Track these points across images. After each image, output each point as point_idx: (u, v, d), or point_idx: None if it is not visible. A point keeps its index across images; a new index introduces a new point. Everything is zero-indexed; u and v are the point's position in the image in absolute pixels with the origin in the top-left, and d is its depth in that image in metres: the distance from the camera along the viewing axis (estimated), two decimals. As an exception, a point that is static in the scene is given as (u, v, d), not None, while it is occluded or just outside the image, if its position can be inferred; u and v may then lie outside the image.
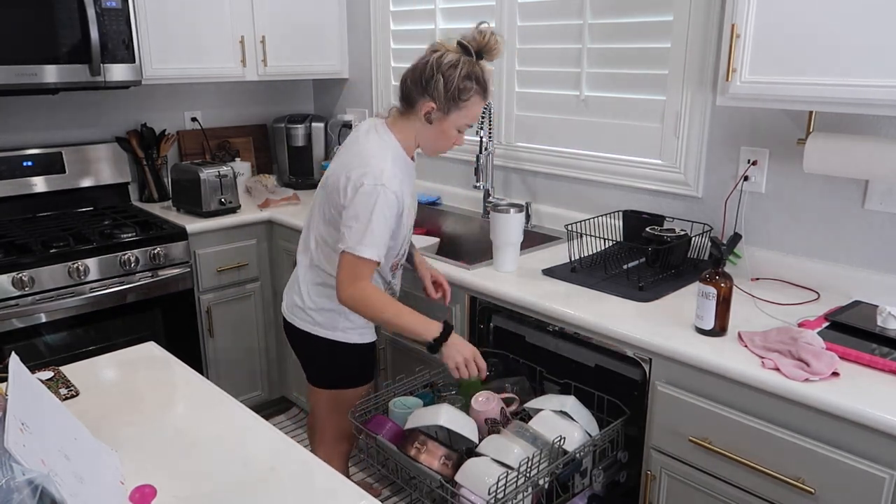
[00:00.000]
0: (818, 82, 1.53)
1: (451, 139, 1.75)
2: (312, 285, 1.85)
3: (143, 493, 1.07)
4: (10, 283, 2.23)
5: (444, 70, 1.65)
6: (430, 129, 1.73)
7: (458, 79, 1.65)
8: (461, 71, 1.66)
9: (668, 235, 1.97)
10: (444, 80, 1.65)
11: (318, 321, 1.86)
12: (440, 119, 1.71)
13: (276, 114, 3.50)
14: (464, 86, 1.66)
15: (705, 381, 1.50)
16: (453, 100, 1.67)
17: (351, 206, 1.66)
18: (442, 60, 1.66)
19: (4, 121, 2.71)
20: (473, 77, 1.68)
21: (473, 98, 1.69)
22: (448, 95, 1.66)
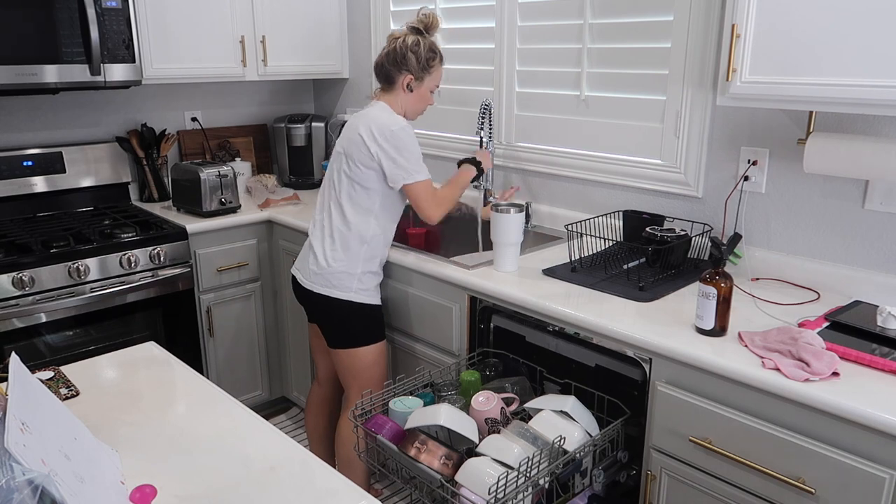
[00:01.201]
0: (818, 82, 1.53)
1: (427, 100, 2.18)
2: (329, 250, 2.09)
3: (143, 493, 1.07)
4: (11, 283, 2.23)
5: (413, 48, 2.08)
6: (410, 96, 2.13)
7: (424, 52, 2.08)
8: (424, 46, 2.09)
9: (668, 235, 1.97)
10: (415, 55, 2.07)
11: (335, 283, 2.09)
12: (418, 86, 2.12)
13: (277, 114, 3.50)
14: (429, 55, 2.10)
15: (705, 381, 1.50)
16: (424, 69, 2.10)
17: (389, 148, 2.01)
18: (407, 42, 2.08)
19: (4, 121, 2.72)
20: (433, 49, 2.11)
21: (436, 64, 2.13)
22: (420, 66, 2.09)
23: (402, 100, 2.13)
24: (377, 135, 2.01)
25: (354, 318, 2.13)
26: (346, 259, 2.09)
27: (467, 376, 1.87)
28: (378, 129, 2.01)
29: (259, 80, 3.10)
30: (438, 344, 2.16)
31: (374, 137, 2.01)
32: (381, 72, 2.13)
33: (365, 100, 3.27)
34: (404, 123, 2.03)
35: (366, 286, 2.12)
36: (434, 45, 2.12)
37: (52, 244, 2.38)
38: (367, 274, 2.12)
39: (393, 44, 2.10)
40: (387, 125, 2.01)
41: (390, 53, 2.10)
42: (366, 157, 2.02)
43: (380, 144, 2.01)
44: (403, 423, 1.69)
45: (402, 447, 1.60)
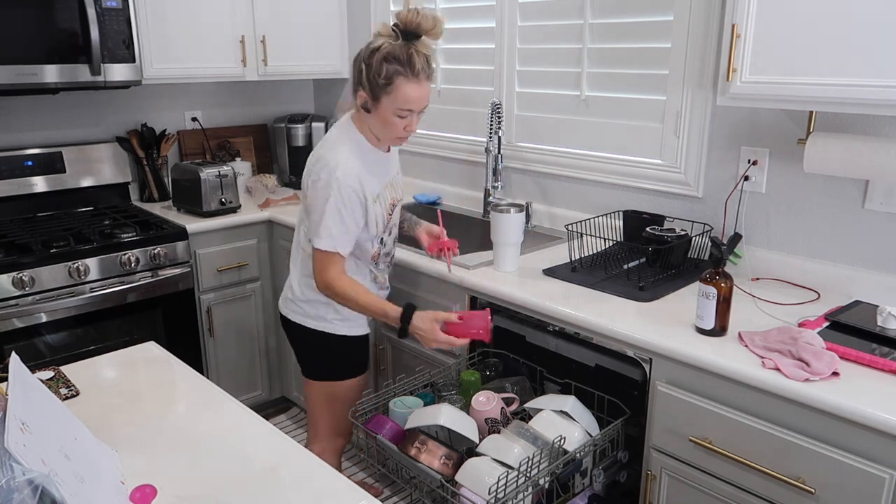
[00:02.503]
0: (818, 82, 1.53)
1: (397, 126, 1.72)
2: (301, 277, 1.89)
3: (143, 493, 1.07)
4: (11, 283, 2.23)
5: (367, 57, 1.66)
6: (371, 118, 1.73)
7: (376, 63, 1.63)
8: (380, 54, 1.63)
9: (668, 235, 1.97)
10: (366, 66, 1.66)
11: (308, 313, 1.90)
12: (374, 106, 1.70)
13: (277, 113, 3.50)
14: (384, 69, 1.63)
15: (706, 381, 1.50)
16: (378, 86, 1.65)
17: (309, 199, 1.73)
18: (368, 48, 1.67)
19: (4, 121, 2.72)
20: (393, 58, 1.63)
21: (397, 80, 1.64)
22: (372, 82, 1.65)
23: (367, 121, 1.76)
24: (306, 172, 1.75)
25: (331, 351, 1.92)
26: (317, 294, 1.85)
27: (467, 376, 1.87)
28: (310, 166, 1.74)
29: (259, 80, 3.10)
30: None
31: (307, 172, 1.76)
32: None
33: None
34: (340, 174, 1.67)
35: (343, 316, 1.89)
36: (398, 54, 1.63)
37: (52, 244, 2.38)
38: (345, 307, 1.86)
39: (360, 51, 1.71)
40: (319, 170, 1.70)
41: (354, 61, 1.72)
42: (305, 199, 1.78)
43: (305, 184, 1.76)
44: (403, 423, 1.69)
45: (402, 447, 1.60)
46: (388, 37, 1.66)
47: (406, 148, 3.10)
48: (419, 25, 1.64)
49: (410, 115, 1.71)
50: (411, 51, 1.64)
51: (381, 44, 1.65)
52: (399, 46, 1.64)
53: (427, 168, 3.02)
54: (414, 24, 1.64)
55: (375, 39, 1.67)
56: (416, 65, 1.65)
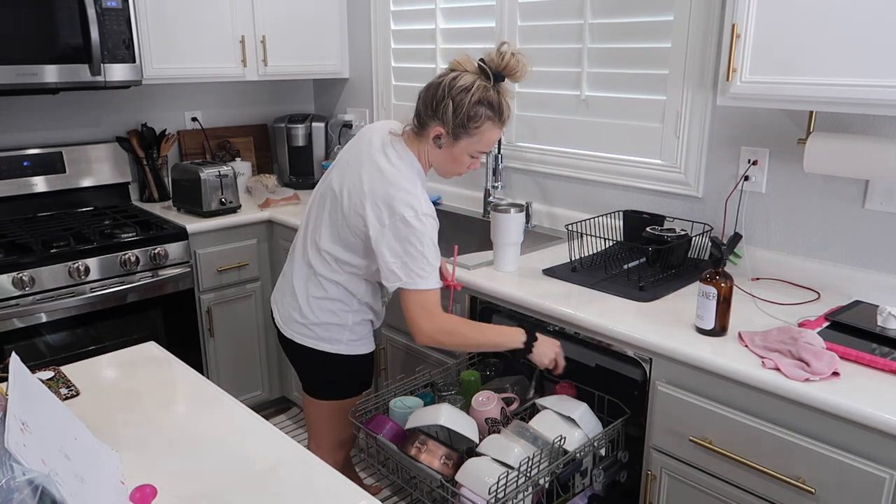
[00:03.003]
0: (818, 82, 1.53)
1: (464, 164, 1.68)
2: (314, 299, 1.77)
3: (143, 493, 1.07)
4: (11, 283, 2.23)
5: (455, 94, 1.57)
6: (440, 152, 1.66)
7: (468, 104, 1.57)
8: (473, 96, 1.56)
9: (668, 235, 1.97)
10: (454, 104, 1.57)
11: (322, 336, 1.79)
12: (450, 145, 1.63)
13: (277, 114, 3.50)
14: (474, 112, 1.57)
15: (706, 381, 1.50)
16: (462, 126, 1.59)
17: (395, 241, 1.59)
18: (455, 83, 1.58)
19: (4, 121, 2.71)
20: (486, 102, 1.58)
21: (485, 125, 1.60)
22: (457, 121, 1.58)
23: (430, 152, 1.68)
24: (384, 211, 1.59)
25: (340, 370, 1.85)
26: (334, 310, 1.77)
27: (467, 376, 1.87)
28: (387, 204, 1.59)
29: (259, 80, 3.10)
30: (438, 344, 2.16)
31: (378, 211, 1.60)
32: (416, 107, 1.67)
33: (368, 102, 3.27)
34: (427, 209, 1.59)
35: (358, 336, 1.82)
36: (492, 98, 1.58)
37: (53, 244, 2.38)
38: (361, 323, 1.81)
39: (441, 79, 1.61)
40: (399, 204, 1.57)
41: (430, 89, 1.63)
42: (360, 226, 1.64)
43: (383, 223, 1.59)
44: (403, 423, 1.69)
45: (402, 447, 1.60)
46: (474, 74, 1.59)
47: (406, 148, 3.10)
48: (515, 73, 1.60)
49: (480, 156, 1.68)
50: (500, 96, 1.61)
51: (471, 83, 1.57)
52: (492, 90, 1.59)
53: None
54: (513, 71, 1.59)
55: (461, 76, 1.58)
56: (505, 111, 1.62)
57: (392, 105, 3.13)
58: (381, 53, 3.11)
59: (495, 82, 1.60)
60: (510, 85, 1.64)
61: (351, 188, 1.66)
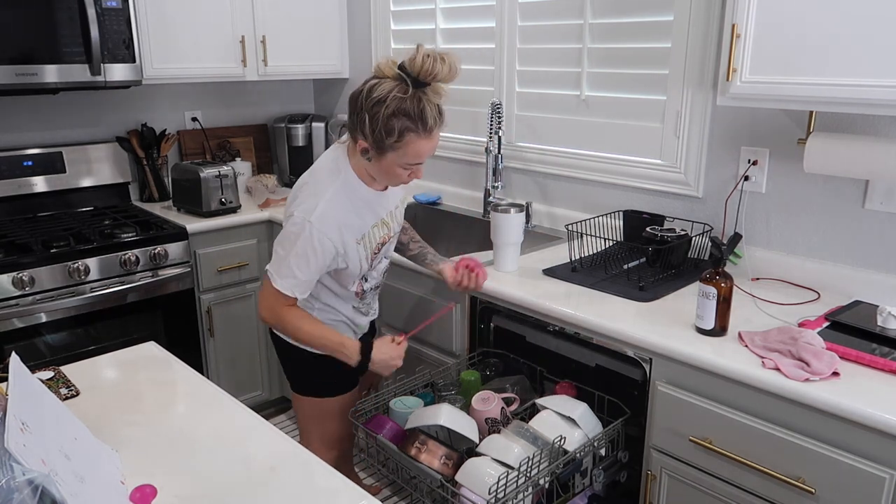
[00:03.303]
0: (818, 82, 1.53)
1: (401, 176, 1.58)
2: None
3: (143, 493, 1.07)
4: (11, 283, 2.23)
5: (370, 106, 1.46)
6: (372, 165, 1.57)
7: (382, 118, 1.45)
8: (388, 108, 1.44)
9: (668, 235, 1.97)
10: (370, 117, 1.47)
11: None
12: (377, 158, 1.53)
13: (277, 114, 3.50)
14: (390, 126, 1.45)
15: (706, 381, 1.50)
16: (382, 140, 1.48)
17: (281, 233, 1.62)
18: (371, 94, 1.46)
19: (4, 121, 2.71)
20: (403, 113, 1.45)
21: (407, 137, 1.47)
22: (376, 136, 1.48)
23: (364, 164, 1.60)
24: (290, 197, 1.65)
25: (318, 368, 1.82)
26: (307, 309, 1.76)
27: (467, 376, 1.87)
28: (294, 192, 1.63)
29: (259, 80, 3.10)
30: (439, 344, 2.16)
31: (290, 198, 1.65)
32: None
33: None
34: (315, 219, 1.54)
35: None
36: (408, 109, 1.45)
37: (52, 244, 2.38)
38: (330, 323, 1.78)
39: (361, 87, 1.50)
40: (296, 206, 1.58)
41: (350, 99, 1.53)
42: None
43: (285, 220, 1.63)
44: (404, 423, 1.69)
45: (402, 447, 1.60)
46: (394, 80, 1.47)
47: (406, 148, 3.10)
48: (435, 76, 1.45)
49: (418, 166, 1.58)
50: (423, 104, 1.47)
51: (386, 93, 1.44)
52: (409, 99, 1.45)
53: (427, 168, 3.02)
54: (429, 75, 1.45)
55: (379, 84, 1.46)
56: (429, 120, 1.49)
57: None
58: (381, 53, 3.11)
59: (415, 88, 1.46)
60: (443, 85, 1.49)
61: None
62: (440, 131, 1.54)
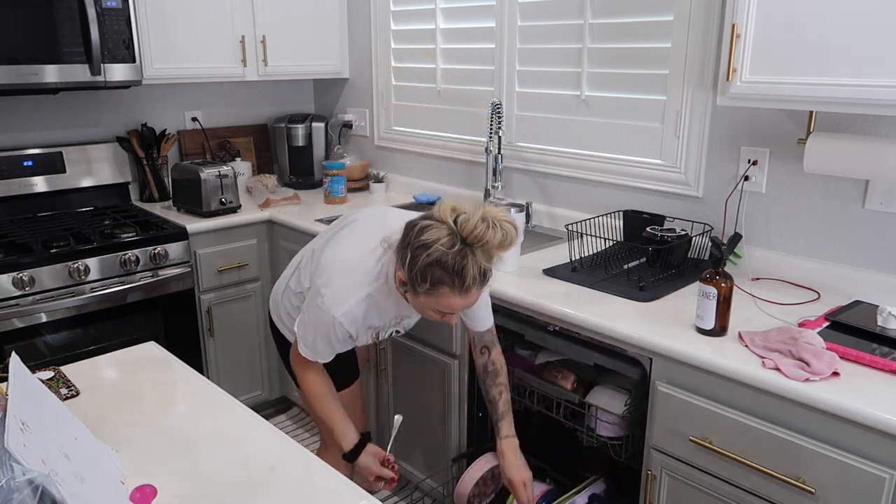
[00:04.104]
0: (818, 82, 1.53)
1: (433, 317, 1.53)
2: (292, 294, 1.83)
3: (143, 493, 1.07)
4: (11, 283, 2.23)
5: (414, 247, 1.41)
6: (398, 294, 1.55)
7: (421, 264, 1.40)
8: (430, 256, 1.39)
9: (668, 235, 1.96)
10: (411, 257, 1.42)
11: (287, 325, 1.84)
12: (411, 294, 1.48)
13: (277, 113, 3.50)
14: (426, 273, 1.40)
15: (706, 381, 1.50)
16: (417, 283, 1.43)
17: (308, 308, 1.64)
18: (420, 235, 1.40)
19: (4, 121, 2.71)
20: (441, 266, 1.38)
21: (441, 289, 1.41)
22: (412, 276, 1.43)
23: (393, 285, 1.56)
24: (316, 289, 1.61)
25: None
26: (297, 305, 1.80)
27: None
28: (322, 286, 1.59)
29: (259, 80, 3.10)
30: (439, 344, 2.16)
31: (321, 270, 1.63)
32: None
33: (368, 102, 3.26)
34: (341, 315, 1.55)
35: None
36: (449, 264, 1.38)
37: (53, 244, 2.38)
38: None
39: (421, 220, 1.45)
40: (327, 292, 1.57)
41: (407, 226, 1.47)
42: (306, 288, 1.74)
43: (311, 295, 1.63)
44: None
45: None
46: (447, 229, 1.39)
47: (406, 148, 3.10)
48: (485, 243, 1.38)
49: (450, 315, 1.51)
50: (466, 262, 1.38)
51: (433, 240, 1.38)
52: (453, 255, 1.38)
53: (427, 168, 3.02)
54: (477, 240, 1.38)
55: (431, 228, 1.40)
56: (468, 279, 1.40)
57: (392, 105, 3.13)
58: (381, 53, 3.11)
59: (463, 245, 1.39)
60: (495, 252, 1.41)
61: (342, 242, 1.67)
62: (480, 291, 1.47)
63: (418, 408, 2.32)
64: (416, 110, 3.02)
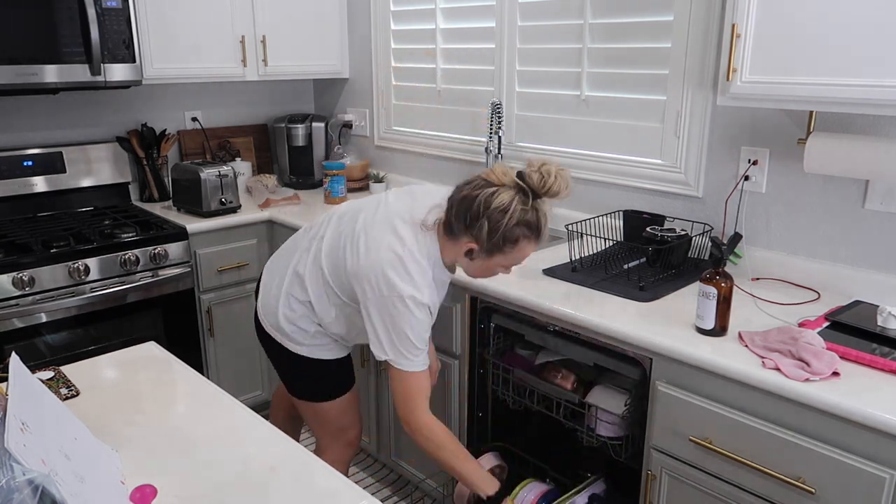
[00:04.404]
0: (818, 82, 1.53)
1: (497, 272, 1.66)
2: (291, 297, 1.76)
3: (143, 493, 1.07)
4: (11, 283, 2.23)
5: (492, 214, 1.50)
6: (471, 263, 1.63)
7: (505, 227, 1.51)
8: (512, 218, 1.50)
9: (668, 235, 1.96)
10: (490, 224, 1.51)
11: (287, 333, 1.78)
12: (482, 259, 1.59)
13: (277, 113, 3.50)
14: (512, 234, 1.52)
15: (706, 381, 1.50)
16: (498, 246, 1.54)
17: (388, 315, 1.57)
18: (492, 201, 1.50)
19: (4, 121, 2.71)
20: (525, 224, 1.52)
21: (522, 243, 1.55)
22: (492, 241, 1.53)
23: (459, 258, 1.64)
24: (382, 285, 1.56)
25: (311, 374, 1.84)
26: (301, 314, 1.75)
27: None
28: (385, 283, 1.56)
29: (259, 80, 3.10)
30: (439, 344, 2.16)
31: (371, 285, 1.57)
32: (449, 213, 1.59)
33: (368, 102, 3.26)
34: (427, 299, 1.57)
35: (321, 342, 1.79)
36: (531, 220, 1.52)
37: (53, 244, 2.38)
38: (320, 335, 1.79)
39: (478, 191, 1.53)
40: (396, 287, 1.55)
41: (465, 201, 1.54)
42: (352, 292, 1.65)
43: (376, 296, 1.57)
44: None
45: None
46: (512, 190, 1.52)
47: (406, 148, 3.10)
48: (557, 193, 1.51)
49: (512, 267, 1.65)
50: (539, 215, 1.54)
51: (508, 203, 1.50)
52: (531, 211, 1.52)
53: (427, 168, 3.02)
54: (556, 193, 1.51)
55: (498, 193, 1.51)
56: (543, 228, 1.55)
57: (392, 105, 3.13)
58: (381, 53, 3.11)
59: (533, 199, 1.52)
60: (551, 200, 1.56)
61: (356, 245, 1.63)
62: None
63: (418, 408, 2.32)
64: (416, 110, 3.02)
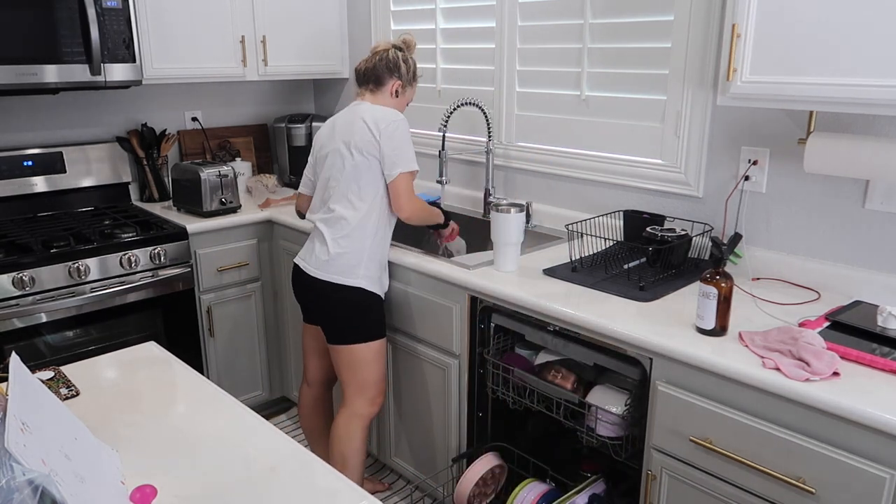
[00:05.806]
0: (818, 82, 1.53)
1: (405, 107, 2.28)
2: (339, 239, 2.10)
3: (143, 493, 1.07)
4: (11, 283, 2.23)
5: (404, 59, 2.22)
6: (395, 101, 2.23)
7: (413, 63, 2.25)
8: (412, 61, 2.25)
9: (668, 235, 1.96)
10: (405, 65, 2.22)
11: (342, 270, 2.09)
12: (402, 94, 2.24)
13: (277, 113, 3.50)
14: (415, 70, 2.27)
15: (706, 381, 1.50)
16: (410, 81, 2.25)
17: (392, 141, 2.08)
18: (398, 54, 2.21)
19: (4, 121, 2.71)
20: (416, 65, 2.28)
21: (418, 79, 2.30)
22: (409, 75, 2.23)
23: (389, 103, 2.22)
24: (381, 123, 2.09)
25: (357, 310, 2.12)
26: (351, 247, 2.10)
27: None
28: (383, 118, 2.10)
29: (259, 80, 3.10)
30: (439, 344, 2.16)
31: (377, 126, 2.09)
32: (371, 75, 2.22)
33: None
34: (402, 116, 2.14)
35: (371, 273, 2.12)
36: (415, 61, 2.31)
37: (53, 244, 2.38)
38: (371, 262, 2.13)
39: (384, 53, 2.22)
40: (389, 115, 2.11)
41: (384, 59, 2.22)
42: (370, 145, 2.08)
43: (382, 131, 2.09)
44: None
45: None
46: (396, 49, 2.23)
47: (406, 148, 3.10)
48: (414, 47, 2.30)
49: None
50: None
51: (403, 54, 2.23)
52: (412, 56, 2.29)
53: (427, 168, 3.02)
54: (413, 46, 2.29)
55: (392, 49, 2.21)
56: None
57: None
58: (382, 53, 3.10)
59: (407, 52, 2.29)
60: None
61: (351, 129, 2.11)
62: None
63: (418, 407, 2.32)
64: (416, 110, 3.02)
